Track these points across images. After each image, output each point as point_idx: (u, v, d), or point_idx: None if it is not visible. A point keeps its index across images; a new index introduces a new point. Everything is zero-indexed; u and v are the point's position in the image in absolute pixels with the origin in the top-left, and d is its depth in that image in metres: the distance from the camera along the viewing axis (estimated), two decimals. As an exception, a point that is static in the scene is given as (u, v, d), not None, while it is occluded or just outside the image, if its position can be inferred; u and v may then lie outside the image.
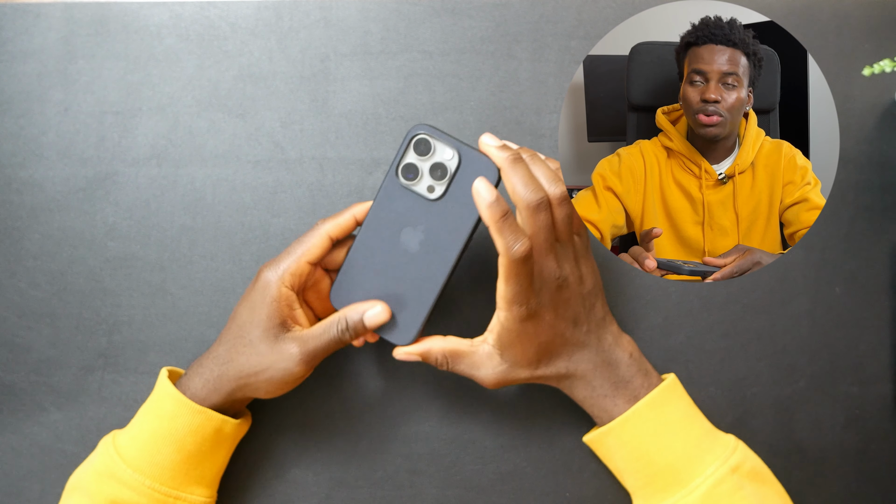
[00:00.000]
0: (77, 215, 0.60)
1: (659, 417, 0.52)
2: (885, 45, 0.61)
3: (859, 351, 0.60)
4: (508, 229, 0.49)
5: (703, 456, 0.51)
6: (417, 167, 0.52)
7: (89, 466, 0.53)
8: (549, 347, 0.52)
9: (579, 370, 0.53)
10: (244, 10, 0.61)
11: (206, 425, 0.52)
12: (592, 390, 0.54)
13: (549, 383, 0.55)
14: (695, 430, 0.52)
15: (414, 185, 0.52)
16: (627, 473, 0.54)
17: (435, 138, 0.52)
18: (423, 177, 0.52)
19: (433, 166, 0.52)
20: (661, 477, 0.52)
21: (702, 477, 0.50)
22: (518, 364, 0.52)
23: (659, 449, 0.52)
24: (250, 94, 0.61)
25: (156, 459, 0.52)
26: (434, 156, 0.52)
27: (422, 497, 0.59)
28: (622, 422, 0.52)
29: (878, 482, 0.60)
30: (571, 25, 0.62)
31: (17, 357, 0.60)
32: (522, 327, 0.51)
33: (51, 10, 0.61)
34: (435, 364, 0.53)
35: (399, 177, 0.52)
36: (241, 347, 0.52)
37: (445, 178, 0.52)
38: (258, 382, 0.52)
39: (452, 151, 0.52)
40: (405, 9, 0.61)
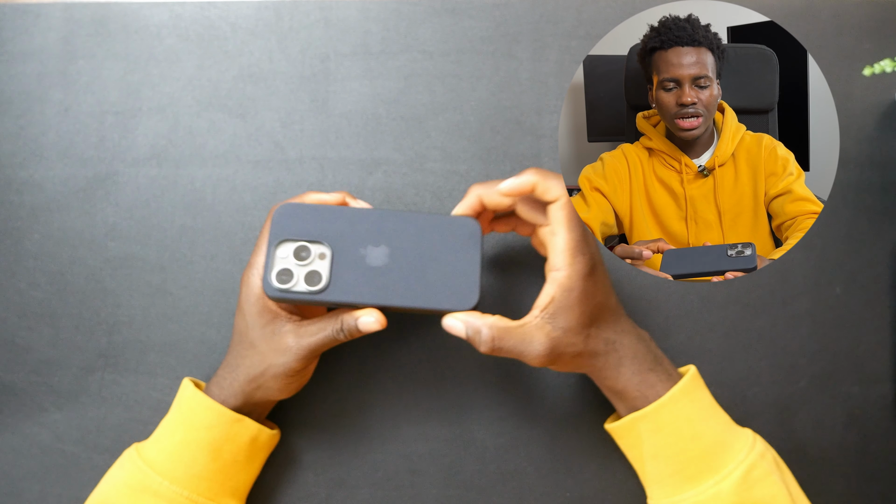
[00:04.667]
0: (77, 215, 0.60)
1: (693, 404, 0.52)
2: (885, 45, 0.61)
3: (860, 351, 0.60)
4: (553, 177, 0.50)
5: (731, 444, 0.51)
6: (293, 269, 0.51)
7: (117, 482, 0.52)
8: (599, 312, 0.51)
9: (625, 342, 0.52)
10: (244, 10, 0.61)
11: (244, 434, 0.53)
12: (639, 364, 0.52)
13: (590, 364, 0.52)
14: (722, 419, 0.53)
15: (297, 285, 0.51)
16: (658, 460, 0.53)
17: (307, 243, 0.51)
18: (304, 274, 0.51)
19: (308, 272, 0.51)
20: (695, 463, 0.51)
21: (734, 462, 0.50)
22: (571, 331, 0.50)
23: (693, 435, 0.51)
24: (250, 94, 0.61)
25: (193, 470, 0.51)
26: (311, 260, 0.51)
27: (422, 497, 0.59)
28: (658, 407, 0.51)
29: (878, 482, 0.60)
30: (571, 25, 0.62)
31: (17, 357, 0.59)
32: (583, 285, 0.50)
33: (51, 10, 0.61)
34: (479, 343, 0.50)
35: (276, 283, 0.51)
36: (244, 351, 0.53)
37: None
38: (267, 381, 0.52)
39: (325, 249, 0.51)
40: (405, 9, 0.61)
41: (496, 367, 0.60)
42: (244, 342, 0.53)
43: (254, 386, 0.53)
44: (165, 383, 0.59)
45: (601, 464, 0.59)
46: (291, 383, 0.53)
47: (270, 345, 0.52)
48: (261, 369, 0.52)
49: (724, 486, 0.50)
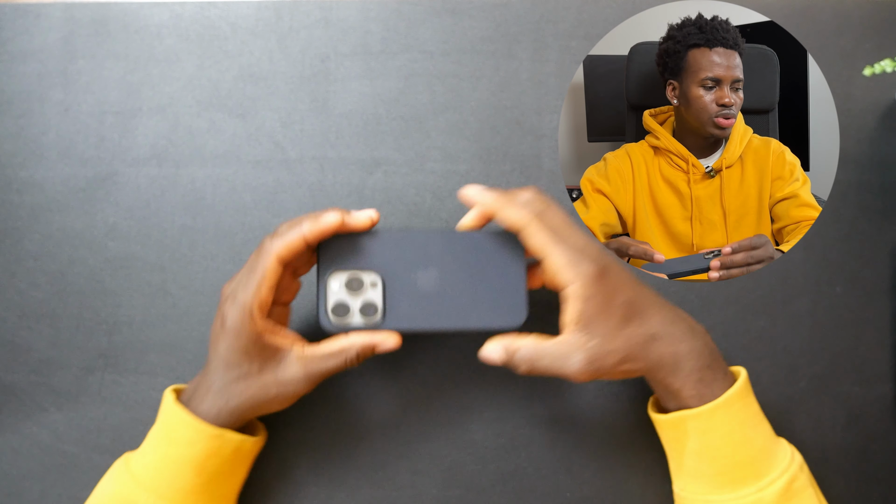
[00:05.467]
0: (77, 215, 0.60)
1: (746, 409, 0.51)
2: (885, 45, 0.61)
3: (860, 351, 0.60)
4: (513, 200, 0.50)
5: (776, 452, 0.51)
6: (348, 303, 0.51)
7: (107, 495, 0.51)
8: (631, 308, 0.49)
9: (676, 333, 0.50)
10: (244, 10, 0.61)
11: (225, 447, 0.51)
12: (696, 360, 0.50)
13: (642, 367, 0.49)
14: (767, 426, 0.52)
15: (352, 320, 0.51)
16: (701, 459, 0.51)
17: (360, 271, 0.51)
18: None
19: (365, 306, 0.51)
20: (740, 468, 0.50)
21: (777, 471, 0.50)
22: (607, 337, 0.48)
23: (743, 440, 0.50)
24: (250, 94, 0.61)
25: (177, 485, 0.50)
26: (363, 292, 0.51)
27: (422, 497, 0.59)
28: (713, 409, 0.49)
29: (878, 482, 0.60)
30: (571, 25, 0.62)
31: (17, 357, 0.59)
32: (600, 288, 0.48)
33: (51, 10, 0.61)
34: (516, 365, 0.50)
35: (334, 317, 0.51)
36: (236, 381, 0.50)
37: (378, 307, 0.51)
38: (266, 405, 0.51)
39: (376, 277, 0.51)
40: (405, 9, 0.61)
41: (496, 368, 0.60)
42: (233, 371, 0.50)
43: (254, 412, 0.51)
44: (165, 383, 0.59)
45: (601, 464, 0.59)
46: (293, 403, 0.52)
47: (273, 376, 0.50)
48: (260, 399, 0.50)
49: (767, 494, 0.49)
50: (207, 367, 0.51)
